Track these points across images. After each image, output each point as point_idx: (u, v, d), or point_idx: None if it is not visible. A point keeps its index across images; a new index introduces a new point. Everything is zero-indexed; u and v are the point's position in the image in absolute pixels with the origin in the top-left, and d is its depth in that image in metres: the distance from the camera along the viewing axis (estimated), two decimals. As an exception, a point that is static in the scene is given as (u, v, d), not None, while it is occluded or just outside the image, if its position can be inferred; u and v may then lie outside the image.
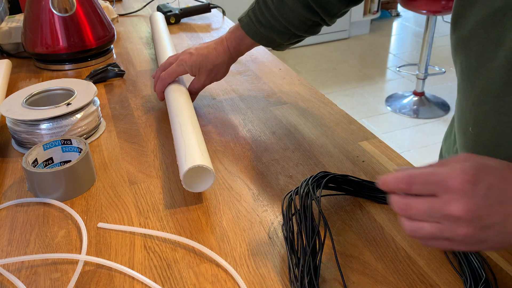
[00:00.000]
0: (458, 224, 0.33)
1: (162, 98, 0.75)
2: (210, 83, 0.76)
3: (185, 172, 0.51)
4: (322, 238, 0.45)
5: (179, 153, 0.56)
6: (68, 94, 0.70)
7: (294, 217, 0.48)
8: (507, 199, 0.32)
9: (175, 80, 0.74)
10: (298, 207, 0.48)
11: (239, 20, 0.72)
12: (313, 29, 0.71)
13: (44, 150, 0.59)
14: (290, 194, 0.51)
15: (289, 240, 0.46)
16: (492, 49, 0.43)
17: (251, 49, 0.75)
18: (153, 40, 1.10)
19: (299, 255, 0.44)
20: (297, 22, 0.68)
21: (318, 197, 0.49)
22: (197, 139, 0.57)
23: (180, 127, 0.60)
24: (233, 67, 0.94)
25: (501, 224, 0.33)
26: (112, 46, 1.05)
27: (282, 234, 0.49)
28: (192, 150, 0.54)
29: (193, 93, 0.76)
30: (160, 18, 1.10)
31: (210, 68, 0.73)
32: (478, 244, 0.34)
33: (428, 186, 0.34)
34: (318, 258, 0.43)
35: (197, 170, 0.54)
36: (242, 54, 0.75)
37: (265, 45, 0.72)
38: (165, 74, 0.73)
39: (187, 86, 0.75)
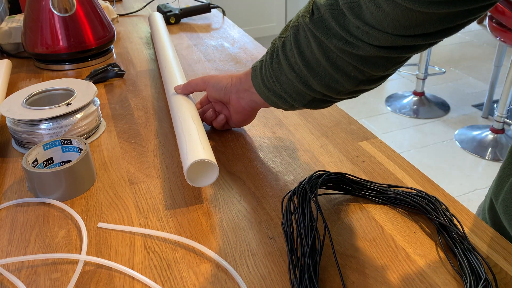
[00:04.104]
0: None
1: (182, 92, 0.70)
2: (195, 89, 0.69)
3: (188, 166, 0.51)
4: (322, 237, 0.45)
5: (181, 147, 0.56)
6: (68, 94, 0.70)
7: (293, 216, 0.49)
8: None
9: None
10: (297, 206, 0.48)
11: (252, 68, 0.61)
12: (316, 105, 0.57)
13: (44, 150, 0.59)
14: (289, 193, 0.51)
15: (289, 239, 0.46)
16: None
17: (264, 106, 0.63)
18: (152, 41, 1.10)
19: (298, 255, 0.44)
20: (294, 93, 0.56)
21: (314, 195, 0.49)
22: (199, 133, 0.58)
23: (181, 123, 0.60)
24: (233, 68, 0.94)
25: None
26: (112, 46, 1.05)
27: (283, 233, 0.49)
28: (195, 145, 0.55)
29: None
30: (159, 18, 1.11)
31: (208, 78, 0.68)
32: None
33: None
34: (317, 258, 0.43)
35: (200, 165, 0.54)
36: (250, 98, 0.63)
37: (272, 105, 0.61)
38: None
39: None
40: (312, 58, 0.51)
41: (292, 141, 0.67)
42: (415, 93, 2.73)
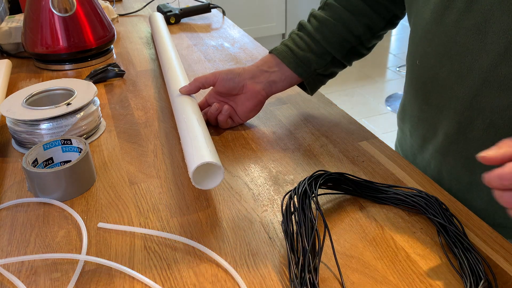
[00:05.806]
0: None
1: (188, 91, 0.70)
2: (209, 85, 0.70)
3: (194, 169, 0.51)
4: (322, 237, 0.45)
5: (186, 149, 0.56)
6: (68, 94, 0.70)
7: (293, 216, 0.49)
8: None
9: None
10: (297, 206, 0.48)
11: (271, 50, 0.71)
12: (350, 57, 0.71)
13: (44, 150, 0.59)
14: (289, 193, 0.51)
15: (289, 239, 0.46)
16: None
17: (281, 86, 0.70)
18: (153, 41, 1.10)
19: (298, 255, 0.44)
20: (336, 44, 0.68)
21: (315, 195, 0.49)
22: (205, 136, 0.57)
23: (186, 124, 0.60)
24: (233, 67, 0.94)
25: None
26: (112, 46, 1.05)
27: (282, 232, 0.49)
28: (201, 147, 0.54)
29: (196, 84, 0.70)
30: (159, 18, 1.11)
31: (223, 70, 0.70)
32: None
33: None
34: (317, 258, 0.43)
35: (206, 167, 0.54)
36: (268, 79, 0.69)
37: (299, 73, 0.69)
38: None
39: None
40: (357, 5, 0.68)
41: (292, 141, 0.67)
42: (415, 93, 2.73)
